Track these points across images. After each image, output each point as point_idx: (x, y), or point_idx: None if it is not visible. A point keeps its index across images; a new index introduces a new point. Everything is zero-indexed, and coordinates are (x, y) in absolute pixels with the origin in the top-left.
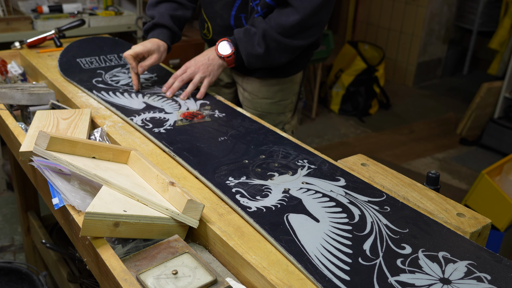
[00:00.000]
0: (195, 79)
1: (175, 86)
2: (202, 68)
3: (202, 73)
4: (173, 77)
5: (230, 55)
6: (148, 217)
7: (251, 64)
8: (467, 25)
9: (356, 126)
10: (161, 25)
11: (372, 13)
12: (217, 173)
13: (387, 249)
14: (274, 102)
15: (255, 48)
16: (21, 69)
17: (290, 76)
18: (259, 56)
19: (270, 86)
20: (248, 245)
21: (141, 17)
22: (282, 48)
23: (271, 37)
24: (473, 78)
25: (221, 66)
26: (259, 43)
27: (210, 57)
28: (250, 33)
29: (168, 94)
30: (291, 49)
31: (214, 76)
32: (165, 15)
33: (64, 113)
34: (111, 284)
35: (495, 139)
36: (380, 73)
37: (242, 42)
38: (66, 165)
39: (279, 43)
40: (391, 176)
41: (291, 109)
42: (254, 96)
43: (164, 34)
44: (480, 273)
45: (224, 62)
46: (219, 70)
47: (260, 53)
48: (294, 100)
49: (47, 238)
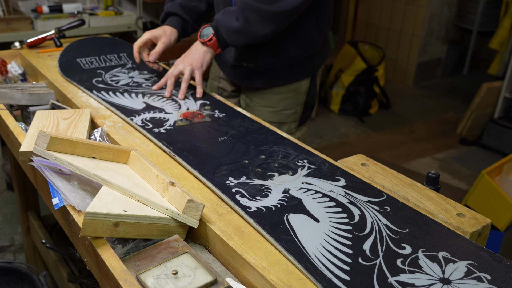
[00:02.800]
0: (186, 75)
1: (169, 83)
2: (188, 60)
3: (189, 64)
4: (165, 77)
5: (211, 38)
6: (148, 217)
7: (234, 42)
8: (467, 25)
9: (356, 126)
10: (171, 13)
11: (372, 13)
12: (217, 173)
13: (387, 249)
14: (276, 111)
15: (233, 23)
16: (21, 69)
17: (293, 83)
18: (239, 30)
19: (272, 94)
20: (248, 245)
21: (141, 17)
22: (263, 17)
23: (250, 7)
24: (473, 78)
25: (206, 52)
26: (237, 18)
27: (194, 47)
28: (230, 11)
29: (166, 94)
30: (273, 17)
31: (204, 64)
32: (176, 4)
33: (64, 113)
34: (111, 284)
35: (495, 139)
36: (380, 73)
37: (221, 21)
38: (66, 165)
39: (259, 12)
40: (391, 176)
41: (295, 120)
42: (256, 104)
43: (173, 21)
44: (480, 273)
45: (208, 47)
46: (206, 57)
47: (238, 26)
48: (299, 110)
49: (47, 238)
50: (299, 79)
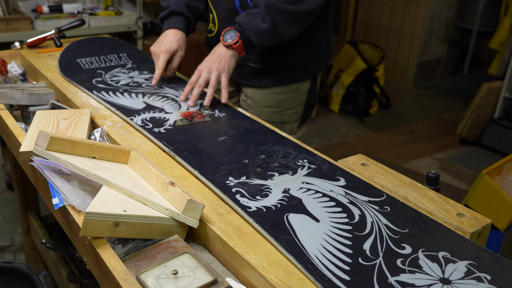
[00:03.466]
0: (212, 81)
1: (195, 93)
2: (215, 66)
3: (216, 70)
4: (189, 84)
5: (237, 40)
6: (148, 217)
7: (261, 44)
8: (467, 25)
9: (356, 126)
10: (177, 13)
11: (372, 13)
12: (217, 173)
13: (387, 249)
14: (278, 111)
15: (261, 25)
16: (21, 69)
17: (296, 83)
18: (267, 32)
19: (274, 94)
20: (248, 245)
21: (141, 17)
22: (288, 18)
23: (276, 8)
24: (473, 78)
25: (232, 56)
26: (263, 19)
27: (218, 52)
28: (253, 13)
29: (190, 103)
30: (298, 17)
31: (230, 69)
32: (181, 3)
33: (64, 113)
34: (111, 284)
35: (495, 139)
36: (380, 73)
37: (246, 23)
38: (66, 165)
39: (284, 13)
40: (391, 176)
41: (296, 119)
42: (257, 104)
43: (180, 22)
44: (480, 273)
45: (234, 51)
46: (232, 62)
47: (267, 28)
48: (300, 110)
49: (47, 238)
50: (305, 79)
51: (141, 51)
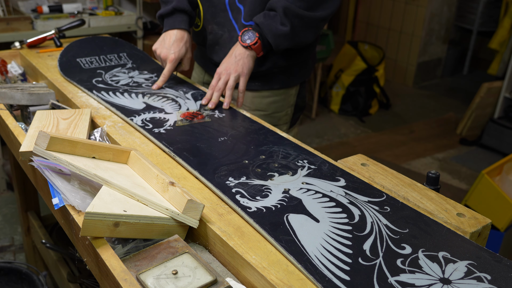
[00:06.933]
0: (230, 83)
1: (214, 97)
2: (233, 67)
3: (234, 72)
4: (210, 89)
5: (256, 41)
6: (148, 217)
7: (279, 46)
8: (467, 25)
9: (356, 126)
10: (181, 10)
11: (372, 13)
12: (217, 173)
13: (387, 249)
14: (267, 114)
15: (280, 28)
16: (21, 69)
17: (286, 88)
18: (286, 35)
19: (262, 98)
20: (248, 245)
21: (141, 17)
22: (305, 23)
23: (293, 13)
24: (473, 78)
25: (251, 57)
26: (282, 22)
27: (236, 53)
28: (271, 15)
29: (210, 106)
30: (314, 22)
31: (249, 70)
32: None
33: (64, 113)
34: (111, 284)
35: (495, 139)
36: (380, 73)
37: (265, 25)
38: (66, 165)
39: (302, 18)
40: (391, 176)
41: (286, 122)
42: (247, 108)
43: (185, 22)
44: (480, 273)
45: (252, 51)
46: (250, 62)
47: (286, 31)
48: (290, 112)
49: (47, 238)
50: (295, 83)
51: (141, 51)
